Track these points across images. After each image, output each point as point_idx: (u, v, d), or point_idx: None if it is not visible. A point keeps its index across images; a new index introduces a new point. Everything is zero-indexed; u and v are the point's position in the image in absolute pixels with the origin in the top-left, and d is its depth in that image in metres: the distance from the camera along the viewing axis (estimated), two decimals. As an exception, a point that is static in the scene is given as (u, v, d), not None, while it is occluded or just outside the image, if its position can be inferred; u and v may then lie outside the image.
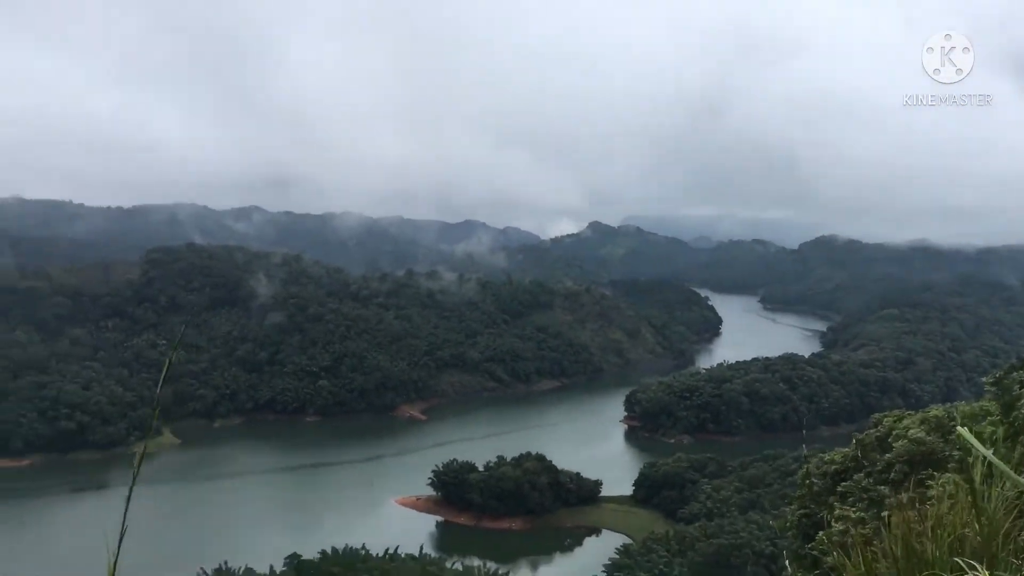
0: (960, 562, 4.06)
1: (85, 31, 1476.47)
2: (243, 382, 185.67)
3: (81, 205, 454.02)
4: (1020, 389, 12.75)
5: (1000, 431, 11.04)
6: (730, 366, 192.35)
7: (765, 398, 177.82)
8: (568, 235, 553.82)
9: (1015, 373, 19.95)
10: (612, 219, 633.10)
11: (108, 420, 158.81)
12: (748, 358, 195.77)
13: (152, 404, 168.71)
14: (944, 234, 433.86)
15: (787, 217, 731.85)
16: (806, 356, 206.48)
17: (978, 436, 4.12)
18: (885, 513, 5.49)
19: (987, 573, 3.76)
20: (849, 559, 4.65)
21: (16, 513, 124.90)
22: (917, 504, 5.01)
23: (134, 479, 4.00)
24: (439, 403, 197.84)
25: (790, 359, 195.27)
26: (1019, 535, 4.39)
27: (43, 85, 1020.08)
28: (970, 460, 4.48)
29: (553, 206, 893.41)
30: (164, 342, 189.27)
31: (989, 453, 4.08)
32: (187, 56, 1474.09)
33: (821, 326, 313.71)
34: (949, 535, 4.44)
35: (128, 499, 3.92)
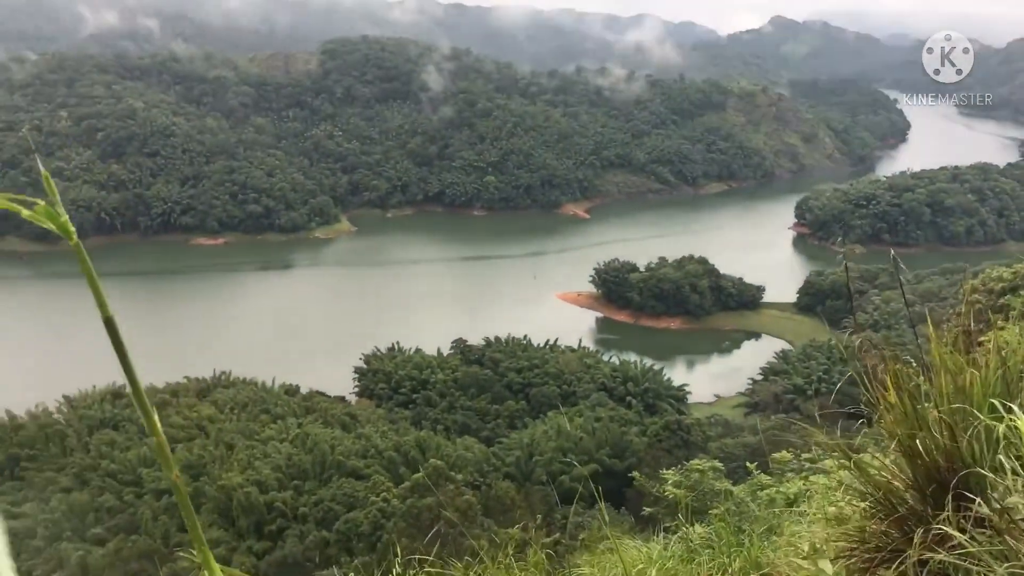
0: (996, 402, 3.47)
1: None
2: (414, 175, 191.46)
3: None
4: None
5: None
6: (914, 174, 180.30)
7: (950, 209, 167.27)
8: (747, 31, 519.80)
9: None
10: (797, 13, 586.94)
11: (291, 206, 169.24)
12: (935, 167, 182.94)
13: (328, 193, 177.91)
14: None
15: (1000, 12, 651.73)
16: (1001, 166, 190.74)
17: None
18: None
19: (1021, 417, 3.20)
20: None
21: (221, 285, 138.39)
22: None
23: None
24: (603, 202, 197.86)
25: (982, 169, 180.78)
26: None
27: None
28: None
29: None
30: (340, 133, 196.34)
31: None
32: None
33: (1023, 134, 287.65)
34: (997, 370, 3.72)
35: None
